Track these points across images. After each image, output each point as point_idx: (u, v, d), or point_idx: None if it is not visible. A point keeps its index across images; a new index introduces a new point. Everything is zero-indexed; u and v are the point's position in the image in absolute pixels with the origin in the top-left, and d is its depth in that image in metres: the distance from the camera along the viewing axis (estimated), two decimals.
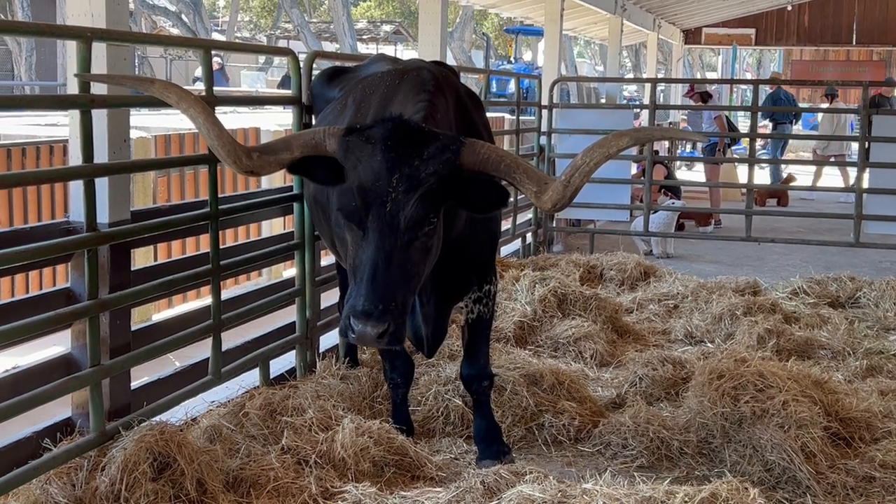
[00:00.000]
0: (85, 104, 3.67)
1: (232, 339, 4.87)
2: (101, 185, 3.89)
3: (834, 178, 16.22)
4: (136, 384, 4.36)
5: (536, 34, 27.41)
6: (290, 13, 31.21)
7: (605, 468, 4.20)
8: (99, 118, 3.93)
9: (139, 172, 7.67)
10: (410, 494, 3.70)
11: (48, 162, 7.86)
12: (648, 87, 10.63)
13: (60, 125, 9.81)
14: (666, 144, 16.08)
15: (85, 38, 3.64)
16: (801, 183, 15.10)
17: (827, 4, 23.10)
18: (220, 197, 4.46)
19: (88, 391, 3.71)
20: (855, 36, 23.05)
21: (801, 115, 16.95)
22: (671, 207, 10.17)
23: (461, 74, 5.63)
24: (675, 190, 11.17)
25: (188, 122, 3.56)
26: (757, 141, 11.05)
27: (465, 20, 31.66)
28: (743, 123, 20.53)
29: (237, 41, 30.55)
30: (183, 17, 31.92)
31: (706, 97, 12.99)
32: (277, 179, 7.98)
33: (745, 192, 9.76)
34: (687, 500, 3.30)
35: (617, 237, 10.21)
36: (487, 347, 4.42)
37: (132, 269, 4.35)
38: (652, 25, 19.44)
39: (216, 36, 35.66)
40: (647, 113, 9.57)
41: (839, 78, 25.39)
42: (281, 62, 28.76)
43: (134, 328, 4.36)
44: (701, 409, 4.53)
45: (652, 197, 9.57)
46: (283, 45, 33.40)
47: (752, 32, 24.00)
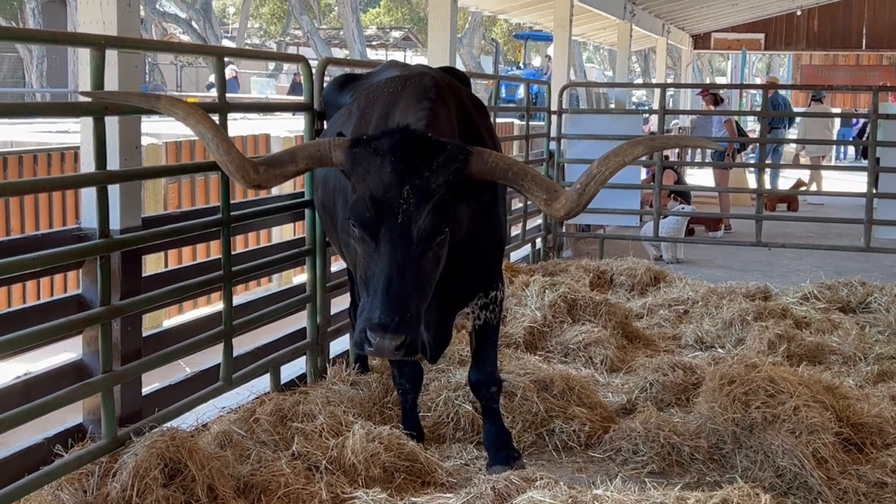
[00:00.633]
0: (98, 111, 3.68)
1: (242, 344, 4.88)
2: (112, 191, 3.89)
3: (838, 182, 16.11)
4: (147, 390, 4.37)
5: (546, 40, 27.44)
6: (299, 20, 31.31)
7: (615, 474, 4.20)
8: (111, 125, 3.94)
9: (150, 179, 7.69)
10: (421, 500, 3.70)
11: (59, 169, 7.89)
12: (658, 92, 10.64)
13: (71, 132, 9.84)
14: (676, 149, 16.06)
15: (99, 45, 3.65)
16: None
17: (836, 9, 23.04)
18: (231, 203, 4.47)
19: (100, 397, 3.72)
20: (865, 40, 22.98)
21: (794, 119, 16.85)
22: (681, 213, 10.15)
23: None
24: (685, 195, 11.16)
25: None
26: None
27: (474, 26, 31.69)
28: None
29: (248, 48, 30.60)
30: (193, 23, 32.02)
31: (719, 99, 13.00)
32: (288, 185, 7.98)
33: (754, 196, 9.74)
34: None
35: (627, 242, 10.17)
36: (495, 353, 4.40)
37: (143, 275, 4.37)
38: (661, 30, 19.43)
39: (226, 42, 35.75)
40: (656, 118, 9.57)
41: (849, 83, 25.27)
42: (290, 68, 28.78)
43: (145, 334, 4.37)
44: (712, 414, 4.52)
45: (662, 202, 9.56)
46: (292, 51, 33.58)
47: (761, 37, 23.95)
